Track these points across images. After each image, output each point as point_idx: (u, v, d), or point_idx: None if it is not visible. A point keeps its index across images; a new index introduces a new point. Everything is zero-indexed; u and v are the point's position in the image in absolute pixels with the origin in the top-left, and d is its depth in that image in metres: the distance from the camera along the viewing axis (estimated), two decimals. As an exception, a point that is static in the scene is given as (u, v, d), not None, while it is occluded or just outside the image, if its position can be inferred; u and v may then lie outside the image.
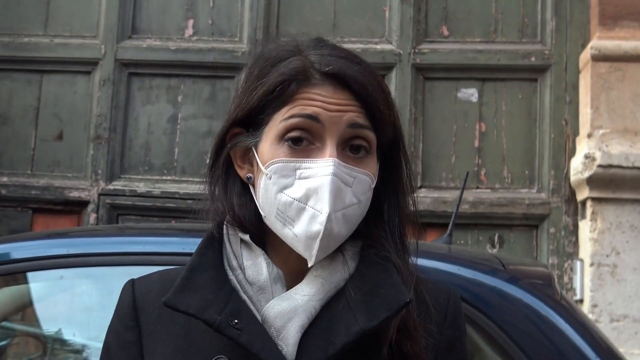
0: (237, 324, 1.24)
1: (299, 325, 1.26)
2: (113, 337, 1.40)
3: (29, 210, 4.72)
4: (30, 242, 2.28)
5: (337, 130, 1.28)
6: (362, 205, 1.31)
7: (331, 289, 1.30)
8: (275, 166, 1.29)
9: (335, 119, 1.28)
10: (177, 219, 4.48)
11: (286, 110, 1.30)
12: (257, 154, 1.34)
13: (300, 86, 1.30)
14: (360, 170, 1.30)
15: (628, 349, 3.85)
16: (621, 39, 4.23)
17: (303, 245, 1.27)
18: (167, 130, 4.74)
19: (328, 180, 1.25)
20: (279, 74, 1.31)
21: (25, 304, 2.43)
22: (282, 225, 1.29)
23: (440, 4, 4.69)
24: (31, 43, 4.89)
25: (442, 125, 4.57)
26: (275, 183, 1.29)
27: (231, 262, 1.34)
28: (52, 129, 4.82)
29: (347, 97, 1.30)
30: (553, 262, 4.31)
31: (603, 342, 1.96)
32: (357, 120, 1.29)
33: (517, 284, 1.94)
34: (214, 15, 4.83)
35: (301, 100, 1.29)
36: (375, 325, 1.24)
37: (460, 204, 2.52)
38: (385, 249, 1.34)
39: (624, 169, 3.99)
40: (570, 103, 4.44)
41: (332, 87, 1.30)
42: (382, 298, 1.26)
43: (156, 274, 1.46)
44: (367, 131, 1.31)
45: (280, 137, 1.30)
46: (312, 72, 1.30)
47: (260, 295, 1.31)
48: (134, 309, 1.39)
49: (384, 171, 1.39)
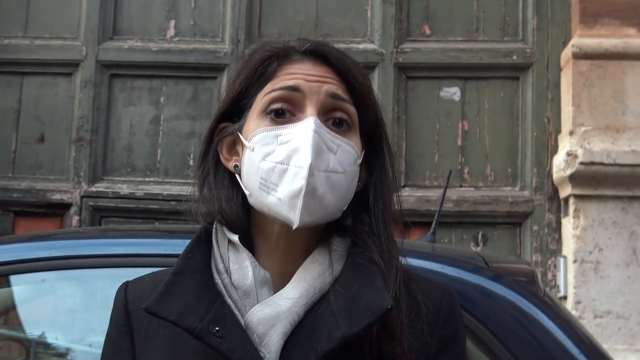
0: (218, 332, 1.23)
1: (281, 331, 1.25)
2: (109, 344, 1.40)
3: (11, 213, 4.68)
4: (12, 245, 2.25)
5: (317, 99, 1.31)
6: (348, 176, 1.31)
7: (315, 293, 1.30)
8: (257, 137, 1.31)
9: (315, 88, 1.32)
10: (161, 221, 4.47)
11: (269, 86, 1.33)
12: (241, 135, 1.35)
13: (281, 63, 1.35)
14: (344, 140, 1.32)
15: (612, 344, 3.87)
16: (602, 37, 4.25)
17: (287, 206, 1.27)
18: (149, 132, 4.72)
19: (310, 136, 1.26)
20: (261, 54, 1.37)
21: (8, 308, 2.41)
22: (266, 195, 1.29)
23: (422, 3, 4.69)
24: (11, 45, 4.85)
25: (425, 124, 4.58)
26: (258, 152, 1.30)
27: (218, 265, 1.33)
28: (34, 131, 4.78)
29: (326, 71, 1.35)
30: (536, 260, 4.32)
31: (587, 338, 1.97)
32: (336, 91, 1.33)
33: (501, 282, 1.94)
34: (196, 16, 4.82)
35: (282, 75, 1.34)
36: (357, 332, 1.23)
37: (444, 203, 2.53)
38: (370, 249, 1.33)
39: (606, 166, 4.02)
40: (552, 101, 4.47)
41: (312, 62, 1.35)
42: (364, 304, 1.25)
43: (148, 276, 1.45)
44: (347, 104, 1.34)
45: (263, 111, 1.33)
46: (292, 51, 1.36)
47: (245, 299, 1.30)
48: (126, 314, 1.38)
49: (369, 164, 1.40)
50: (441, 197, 2.49)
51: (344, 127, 1.33)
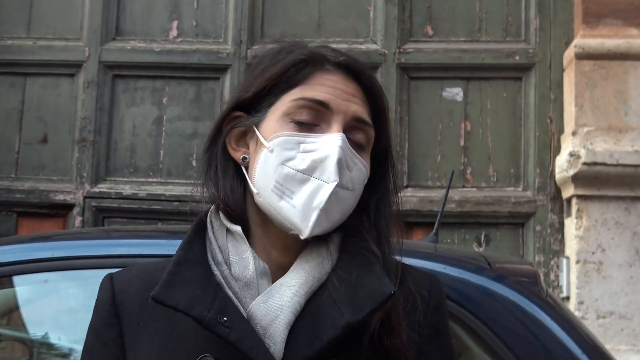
0: (226, 322, 1.23)
1: (285, 322, 1.26)
2: (93, 336, 1.38)
3: (14, 214, 4.68)
4: (15, 245, 2.26)
5: (344, 118, 1.32)
6: (355, 194, 1.33)
7: (314, 283, 1.30)
8: (278, 139, 1.31)
9: (343, 107, 1.32)
10: (163, 221, 4.47)
11: (297, 91, 1.33)
12: (258, 131, 1.34)
13: (315, 69, 1.35)
14: (361, 160, 1.33)
15: (614, 345, 3.87)
16: (604, 37, 4.25)
17: (300, 217, 1.27)
18: (152, 132, 4.73)
19: (336, 151, 1.27)
20: (295, 56, 1.36)
21: (11, 308, 2.41)
22: (278, 199, 1.29)
23: (425, 3, 4.69)
24: (14, 45, 4.85)
25: (427, 125, 4.57)
26: (277, 156, 1.30)
27: (216, 256, 1.33)
28: (37, 132, 4.79)
29: (355, 88, 1.35)
30: (539, 260, 4.32)
31: (589, 339, 1.97)
32: (362, 115, 1.34)
33: (504, 282, 1.95)
34: (198, 17, 4.82)
35: (314, 84, 1.34)
36: (361, 319, 1.23)
37: (446, 203, 2.52)
38: (365, 239, 1.34)
39: (609, 166, 4.01)
40: (555, 101, 4.46)
41: (344, 76, 1.35)
42: (366, 290, 1.26)
43: (135, 267, 1.44)
44: (369, 128, 1.36)
45: (287, 115, 1.32)
46: (327, 60, 1.36)
47: (246, 291, 1.29)
48: (113, 305, 1.36)
49: (371, 169, 1.40)
50: (444, 197, 2.49)
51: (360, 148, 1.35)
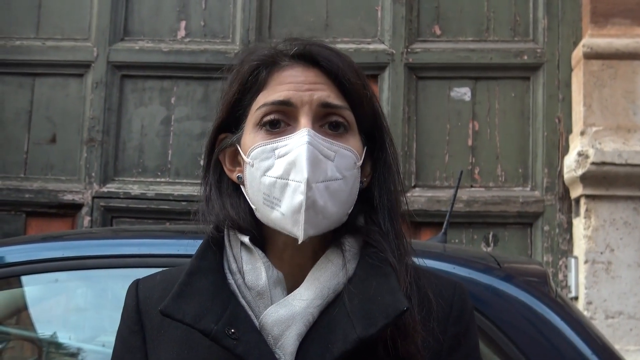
0: (234, 334, 1.23)
1: (296, 333, 1.25)
2: (120, 342, 1.39)
3: (23, 213, 4.70)
4: (24, 245, 2.27)
5: (310, 109, 1.29)
6: (348, 181, 1.30)
7: (329, 294, 1.29)
8: (255, 152, 1.30)
9: (306, 98, 1.29)
10: (172, 221, 4.48)
11: (261, 98, 1.32)
12: (240, 148, 1.34)
13: (271, 70, 1.33)
14: (341, 145, 1.30)
15: (623, 345, 3.86)
16: (613, 37, 4.24)
17: (290, 222, 1.26)
18: (160, 132, 4.74)
19: (304, 149, 1.25)
20: (249, 64, 1.35)
21: (20, 308, 2.42)
22: (270, 209, 1.28)
23: (432, 3, 4.69)
24: (23, 46, 4.87)
25: (435, 125, 4.57)
26: (257, 168, 1.29)
27: (231, 265, 1.33)
28: (45, 132, 4.80)
29: (317, 75, 1.32)
30: (547, 260, 4.31)
31: (598, 338, 1.97)
32: (328, 100, 1.31)
33: (512, 282, 1.94)
34: (206, 17, 4.83)
35: (273, 85, 1.32)
36: (373, 334, 1.22)
37: (455, 203, 2.52)
38: (383, 249, 1.31)
39: (617, 166, 4.01)
40: (563, 101, 4.45)
41: (302, 67, 1.33)
42: (380, 305, 1.24)
43: (159, 274, 1.44)
44: (341, 110, 1.32)
45: (257, 124, 1.31)
46: (280, 56, 1.34)
47: (259, 300, 1.29)
48: (137, 313, 1.37)
49: (373, 159, 1.38)
50: (452, 197, 2.49)
51: (340, 130, 1.31)
